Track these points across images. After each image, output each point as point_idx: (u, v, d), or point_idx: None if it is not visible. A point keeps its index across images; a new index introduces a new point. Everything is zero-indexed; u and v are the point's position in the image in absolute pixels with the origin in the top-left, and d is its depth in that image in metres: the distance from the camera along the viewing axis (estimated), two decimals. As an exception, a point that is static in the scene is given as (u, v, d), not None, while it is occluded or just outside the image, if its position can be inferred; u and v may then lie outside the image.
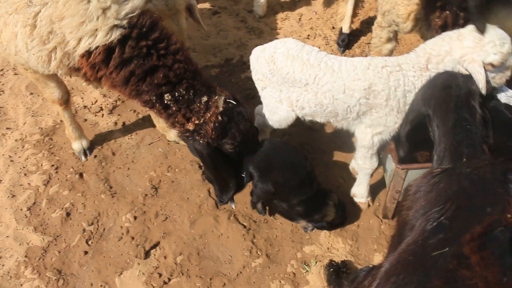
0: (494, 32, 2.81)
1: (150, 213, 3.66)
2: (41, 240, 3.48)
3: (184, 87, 2.94)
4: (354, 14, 5.04)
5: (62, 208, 3.65)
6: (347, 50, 5.06)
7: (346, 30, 5.04)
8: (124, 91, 2.94)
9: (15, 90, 4.55)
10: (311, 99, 3.15)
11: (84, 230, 3.55)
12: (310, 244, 3.51)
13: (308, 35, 5.29)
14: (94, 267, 3.37)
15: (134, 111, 4.39)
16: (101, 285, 3.28)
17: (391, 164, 3.37)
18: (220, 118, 3.00)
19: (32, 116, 4.33)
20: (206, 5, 5.65)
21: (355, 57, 3.41)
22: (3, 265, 3.35)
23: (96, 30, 2.69)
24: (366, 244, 3.52)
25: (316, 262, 3.39)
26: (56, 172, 3.89)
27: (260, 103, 3.52)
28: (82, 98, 4.49)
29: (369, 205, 3.75)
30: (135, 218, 3.62)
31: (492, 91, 3.03)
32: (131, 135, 4.19)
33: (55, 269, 3.34)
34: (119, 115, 4.36)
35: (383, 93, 3.02)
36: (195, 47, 5.08)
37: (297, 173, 3.26)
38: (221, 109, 3.02)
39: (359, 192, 3.71)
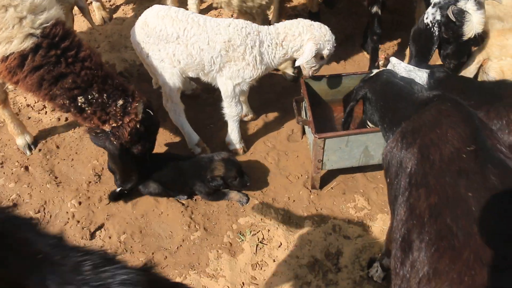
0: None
1: (94, 198, 3.89)
2: (-11, 229, 3.66)
3: (96, 90, 3.20)
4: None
5: (9, 200, 3.85)
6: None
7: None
8: (38, 95, 3.20)
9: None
10: (183, 50, 3.57)
11: (31, 218, 3.74)
12: (245, 216, 3.80)
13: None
14: (41, 250, 3.57)
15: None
16: (48, 266, 3.48)
17: (311, 136, 3.70)
18: (138, 126, 3.33)
19: (-24, 117, 4.51)
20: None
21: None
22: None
23: (12, 37, 2.95)
24: (297, 213, 3.83)
25: (250, 232, 3.68)
26: (2, 167, 4.08)
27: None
28: (25, 97, 4.68)
29: (244, 151, 4.20)
30: (79, 203, 3.84)
31: (393, 66, 3.43)
32: (74, 129, 4.41)
33: (3, 255, 3.53)
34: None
35: (240, 48, 3.52)
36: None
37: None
38: (139, 117, 3.33)
39: (232, 139, 4.15)
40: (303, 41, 3.58)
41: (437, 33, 3.58)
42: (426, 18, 3.60)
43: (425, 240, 1.99)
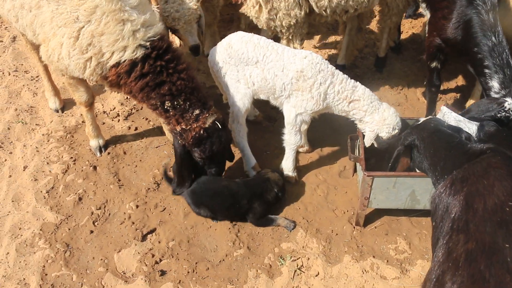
0: None
1: (151, 204, 4.18)
2: (55, 218, 4.02)
3: (183, 99, 3.70)
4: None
5: (76, 193, 4.21)
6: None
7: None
8: (137, 96, 3.69)
9: (45, 94, 5.22)
10: (259, 74, 3.88)
11: (92, 213, 4.09)
12: (288, 241, 3.95)
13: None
14: (97, 244, 3.88)
15: (146, 119, 5.01)
16: (101, 259, 3.77)
17: (361, 173, 3.84)
18: (202, 132, 3.74)
19: (59, 116, 4.99)
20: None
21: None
22: (22, 235, 3.90)
23: (126, 47, 3.47)
24: (338, 246, 3.94)
25: (291, 257, 3.82)
26: (74, 163, 4.48)
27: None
28: (102, 105, 5.14)
29: (296, 180, 4.38)
30: (137, 206, 4.14)
31: (443, 115, 3.55)
32: (142, 139, 4.78)
33: (64, 242, 3.87)
34: (132, 121, 4.98)
35: (310, 80, 3.78)
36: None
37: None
38: (206, 126, 3.75)
39: (286, 166, 4.34)
40: (364, 117, 3.91)
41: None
42: (509, 104, 3.60)
43: (457, 282, 2.09)
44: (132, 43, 3.46)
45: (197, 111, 3.72)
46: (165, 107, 3.69)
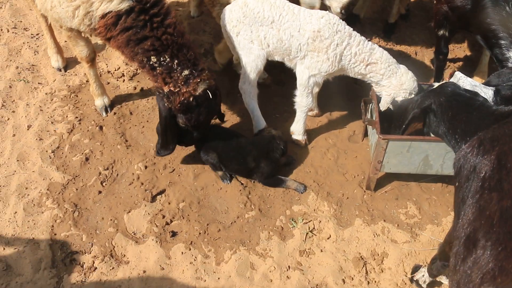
0: None
1: (159, 164, 4.11)
2: (62, 178, 3.94)
3: (169, 55, 3.47)
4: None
5: (82, 153, 4.12)
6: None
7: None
8: (125, 52, 3.55)
9: (47, 52, 5.06)
10: (275, 35, 3.78)
11: (100, 173, 4.01)
12: (299, 204, 3.94)
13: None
14: (106, 204, 3.82)
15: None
16: (111, 219, 3.72)
17: (375, 136, 3.79)
18: (191, 99, 3.51)
19: (62, 75, 4.84)
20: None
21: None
22: (28, 194, 3.82)
23: None
24: (349, 210, 3.93)
25: (302, 220, 3.81)
26: (79, 123, 4.37)
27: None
28: (106, 64, 4.99)
29: (306, 143, 4.34)
30: (145, 167, 4.08)
31: (458, 80, 3.51)
32: (148, 99, 4.67)
33: (72, 202, 3.80)
34: (138, 81, 4.85)
35: (327, 41, 3.69)
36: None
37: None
38: (197, 93, 3.52)
39: (297, 129, 4.31)
40: (381, 81, 3.84)
41: None
42: None
43: (491, 239, 2.07)
44: None
45: (186, 72, 3.50)
46: (151, 63, 3.49)
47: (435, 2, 4.47)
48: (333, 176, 4.15)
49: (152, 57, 3.46)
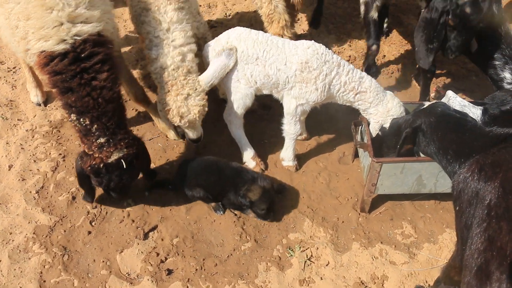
0: None
1: (149, 199, 4.00)
2: (48, 219, 3.79)
3: (89, 119, 3.25)
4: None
5: (68, 192, 3.98)
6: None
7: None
8: (55, 92, 3.30)
9: (26, 86, 4.90)
10: (261, 71, 3.73)
11: (88, 212, 3.87)
12: (295, 231, 3.87)
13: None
14: (97, 245, 3.68)
15: (136, 110, 4.78)
16: (103, 261, 3.58)
17: (367, 159, 3.77)
18: (101, 165, 3.35)
19: (42, 110, 4.69)
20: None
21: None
22: (13, 240, 3.65)
23: (49, 37, 3.12)
24: (345, 234, 3.88)
25: (299, 248, 3.75)
26: (64, 160, 4.23)
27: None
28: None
29: (297, 169, 4.30)
30: (135, 203, 3.95)
31: (449, 100, 3.54)
32: (133, 131, 4.54)
33: (61, 245, 3.65)
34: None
35: (315, 71, 3.63)
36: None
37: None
38: (108, 161, 3.34)
39: (286, 156, 4.26)
40: (369, 108, 3.84)
41: None
42: None
43: (506, 272, 2.04)
44: (54, 35, 3.10)
45: (102, 140, 3.30)
46: (71, 119, 3.30)
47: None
48: (327, 200, 4.11)
49: (72, 114, 3.26)
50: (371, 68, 4.75)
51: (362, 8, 4.53)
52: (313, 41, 3.78)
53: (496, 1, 3.92)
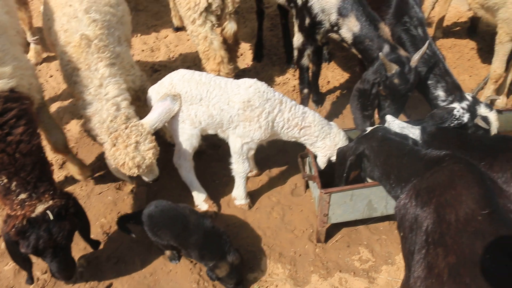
0: None
1: (102, 257, 3.89)
2: (-4, 291, 3.64)
3: (6, 176, 3.09)
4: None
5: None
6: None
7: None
8: None
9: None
10: (205, 111, 3.75)
11: (38, 279, 3.74)
12: (253, 271, 3.83)
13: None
14: (50, 312, 3.55)
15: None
16: (57, 329, 3.46)
17: (317, 191, 3.81)
18: (24, 222, 3.08)
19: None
20: (147, 65, 6.11)
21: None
22: (-41, 319, 3.49)
23: None
24: (303, 267, 3.87)
25: (259, 287, 3.71)
26: (9, 226, 4.08)
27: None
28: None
29: (250, 207, 4.29)
30: (88, 263, 3.84)
31: (388, 124, 3.65)
32: (82, 187, 4.46)
33: (12, 317, 3.50)
34: (69, 169, 4.64)
35: (257, 110, 3.68)
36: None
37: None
38: (33, 215, 3.10)
39: (238, 195, 4.26)
40: (316, 142, 3.89)
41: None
42: (458, 111, 3.86)
43: (445, 300, 2.08)
44: None
45: (23, 195, 3.10)
46: None
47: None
48: (282, 235, 4.10)
49: None
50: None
51: (295, 53, 4.66)
52: (255, 79, 3.83)
53: (421, 24, 4.09)
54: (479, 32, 6.35)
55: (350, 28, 3.99)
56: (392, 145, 3.30)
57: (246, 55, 6.19)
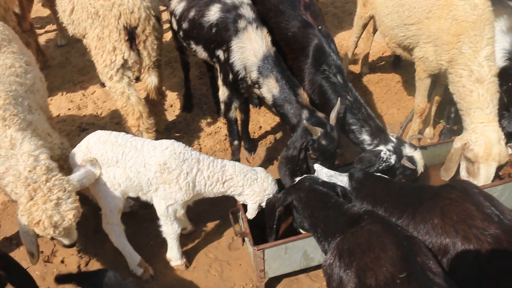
0: None
1: None
2: None
3: None
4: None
5: None
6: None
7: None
8: None
9: None
10: (122, 174, 3.65)
11: None
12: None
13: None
14: None
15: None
16: None
17: (250, 247, 3.74)
18: None
19: None
20: (74, 124, 5.89)
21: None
22: None
23: None
24: (246, 323, 3.77)
25: None
26: None
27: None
28: None
29: (186, 266, 4.17)
30: None
31: (317, 172, 3.66)
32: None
33: None
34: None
35: (175, 171, 3.61)
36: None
37: None
38: None
39: (173, 256, 4.14)
40: (243, 191, 3.81)
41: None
42: (384, 154, 3.97)
43: None
44: None
45: None
46: None
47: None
48: (222, 293, 3.99)
49: None
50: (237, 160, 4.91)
51: (222, 106, 4.66)
52: (173, 140, 3.76)
53: (340, 71, 4.19)
54: (403, 65, 6.58)
55: (270, 89, 4.06)
56: (318, 197, 3.30)
57: (176, 105, 6.12)
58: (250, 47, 4.06)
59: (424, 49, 4.64)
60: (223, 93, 4.51)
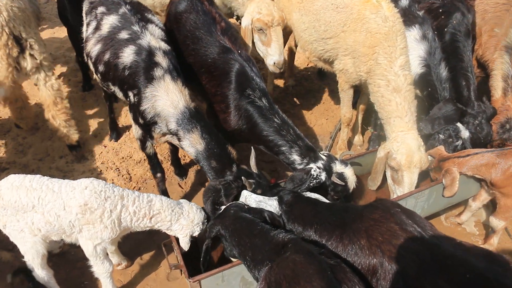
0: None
1: None
2: None
3: None
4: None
5: None
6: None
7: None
8: None
9: None
10: (41, 219, 3.49)
11: None
12: None
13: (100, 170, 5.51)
14: None
15: None
16: None
17: (186, 280, 3.66)
18: None
19: None
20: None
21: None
22: None
23: None
24: None
25: None
26: None
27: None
28: None
29: None
30: None
31: (245, 199, 3.65)
32: None
33: None
34: None
35: (98, 211, 3.48)
36: None
37: None
38: None
39: None
40: (171, 226, 3.72)
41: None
42: (315, 171, 4.01)
43: None
44: None
45: None
46: None
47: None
48: (162, 328, 3.89)
49: None
50: (164, 192, 4.81)
51: (138, 143, 4.51)
52: (92, 178, 3.61)
53: (264, 95, 4.22)
54: (328, 75, 6.74)
55: (193, 144, 3.94)
56: (244, 224, 3.28)
57: (102, 135, 5.93)
58: (167, 98, 3.90)
59: (343, 62, 4.77)
60: (136, 130, 4.37)
